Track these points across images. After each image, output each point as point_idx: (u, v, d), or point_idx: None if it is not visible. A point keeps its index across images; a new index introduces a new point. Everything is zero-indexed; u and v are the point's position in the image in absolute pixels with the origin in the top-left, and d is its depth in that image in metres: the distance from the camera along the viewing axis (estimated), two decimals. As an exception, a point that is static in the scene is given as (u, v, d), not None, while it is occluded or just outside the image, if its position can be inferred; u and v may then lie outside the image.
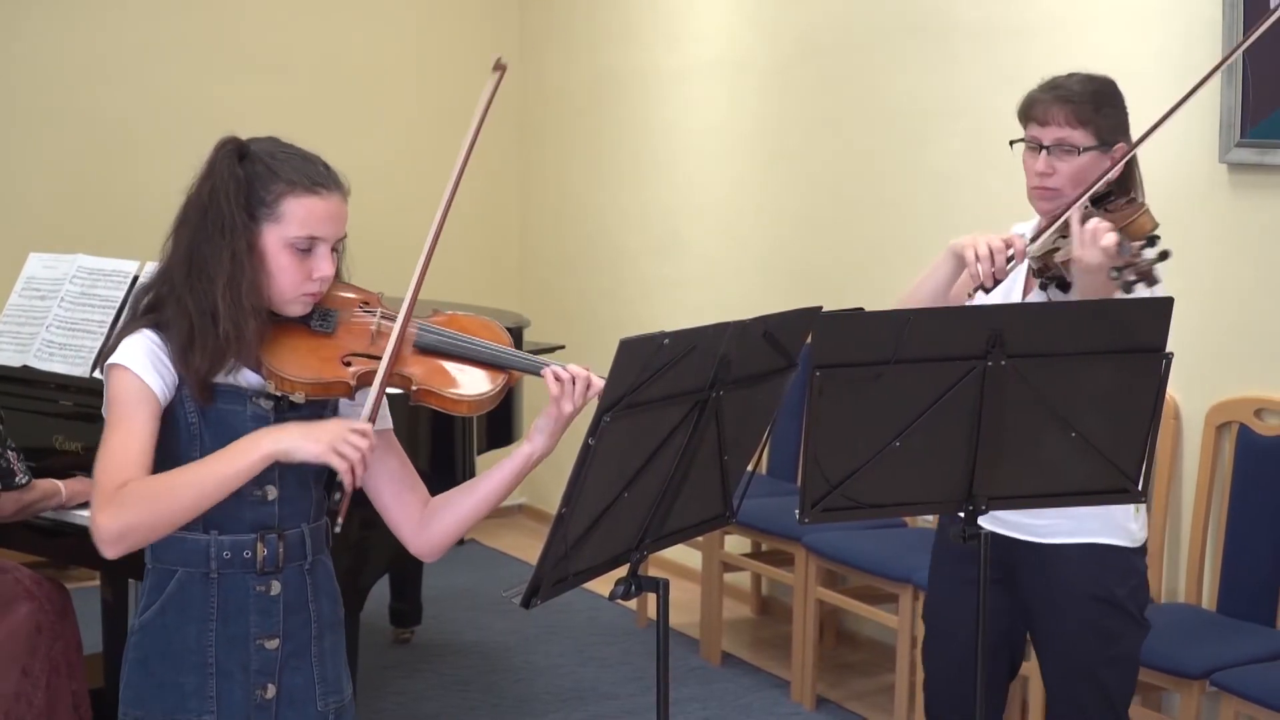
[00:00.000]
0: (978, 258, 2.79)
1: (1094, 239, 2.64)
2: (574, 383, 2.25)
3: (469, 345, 2.35)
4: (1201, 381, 3.93)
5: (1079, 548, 2.89)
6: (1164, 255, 2.60)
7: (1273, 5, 3.69)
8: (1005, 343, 2.38)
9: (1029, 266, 2.92)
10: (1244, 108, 3.76)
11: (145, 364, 2.17)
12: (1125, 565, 2.93)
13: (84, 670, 3.56)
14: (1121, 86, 4.12)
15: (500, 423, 4.41)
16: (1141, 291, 2.60)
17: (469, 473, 3.93)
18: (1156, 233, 2.73)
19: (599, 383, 2.27)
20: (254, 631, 2.27)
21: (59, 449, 3.59)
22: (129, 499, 2.07)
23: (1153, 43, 4.04)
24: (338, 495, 2.17)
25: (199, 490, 2.11)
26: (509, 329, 4.41)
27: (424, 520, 2.36)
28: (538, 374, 2.30)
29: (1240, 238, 3.84)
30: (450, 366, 2.33)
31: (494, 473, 2.34)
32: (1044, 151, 2.88)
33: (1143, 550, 2.97)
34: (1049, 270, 2.85)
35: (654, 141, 6.17)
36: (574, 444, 2.04)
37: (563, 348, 4.67)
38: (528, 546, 6.51)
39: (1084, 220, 2.73)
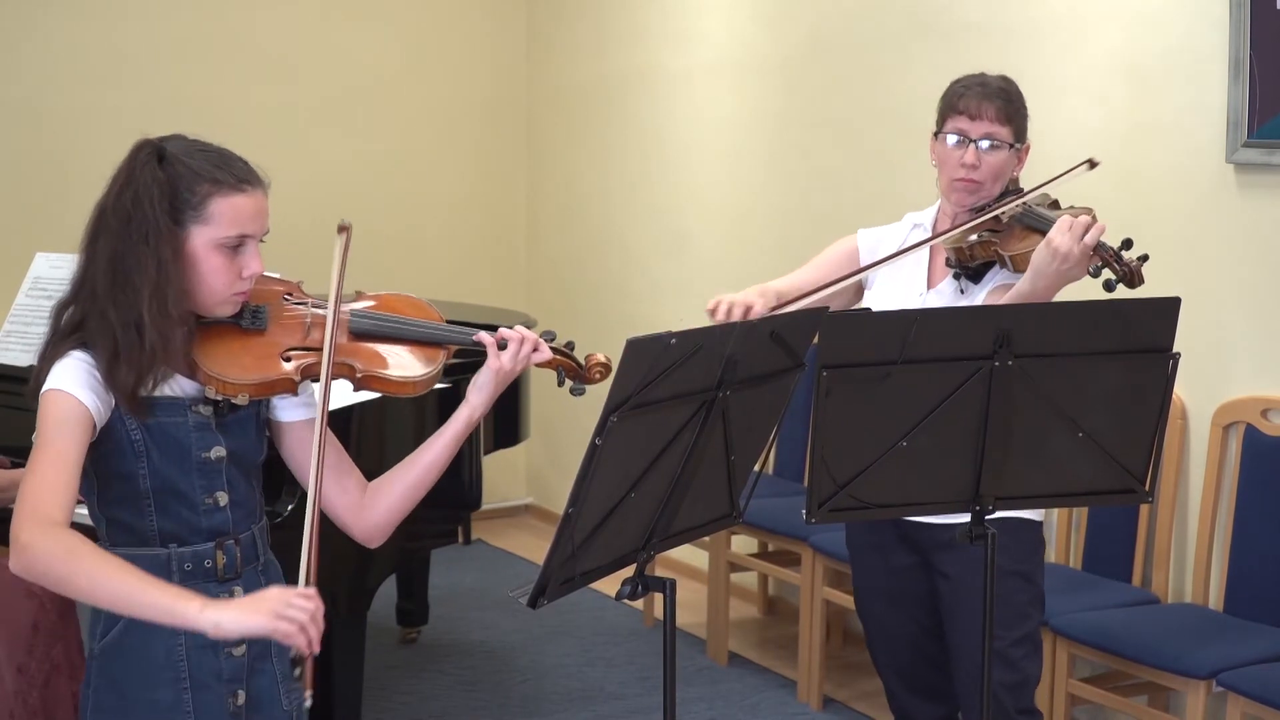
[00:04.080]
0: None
1: (1079, 229, 2.70)
2: (523, 342, 2.31)
3: (404, 326, 2.34)
4: (1208, 382, 3.92)
5: (994, 523, 2.91)
6: (1144, 257, 2.68)
7: (1279, 5, 3.68)
8: (1012, 343, 2.38)
9: (946, 258, 3.00)
10: (1251, 108, 3.75)
11: (80, 385, 2.09)
12: (1034, 538, 3.04)
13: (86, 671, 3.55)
14: (1129, 86, 4.15)
15: (507, 421, 4.41)
16: (1123, 293, 2.64)
17: (476, 473, 3.93)
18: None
19: (545, 348, 2.35)
20: (222, 640, 2.21)
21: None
22: (59, 544, 1.96)
23: (1159, 43, 4.03)
24: (298, 671, 2.07)
25: (117, 598, 1.98)
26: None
27: (365, 503, 2.34)
28: (472, 343, 2.33)
29: (1247, 238, 3.84)
30: (389, 349, 2.32)
31: (434, 441, 2.34)
32: (972, 145, 2.96)
33: (1042, 523, 3.09)
34: (973, 260, 2.95)
35: (660, 141, 6.17)
36: (581, 444, 2.04)
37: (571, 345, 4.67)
38: (534, 546, 6.51)
39: (1023, 216, 2.88)
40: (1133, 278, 2.71)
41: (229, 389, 2.17)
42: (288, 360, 2.22)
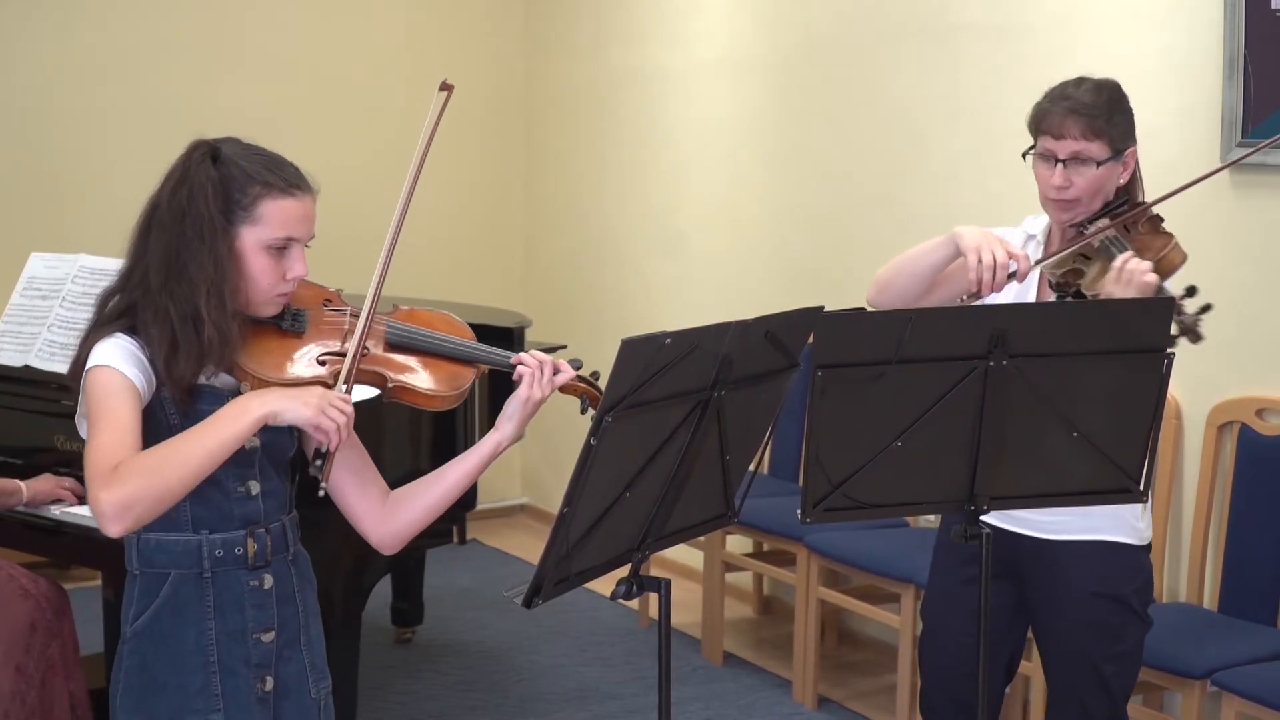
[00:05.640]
0: (981, 262, 2.77)
1: (1131, 280, 2.63)
2: (541, 368, 2.34)
3: (438, 341, 2.38)
4: (1203, 381, 3.92)
5: (1089, 545, 2.89)
6: (1207, 308, 2.57)
7: (1274, 6, 3.69)
8: (1007, 342, 2.38)
9: (1048, 280, 2.88)
10: (1245, 107, 3.76)
11: (126, 362, 2.16)
12: (1133, 563, 2.94)
13: (83, 671, 3.55)
14: (1123, 86, 4.13)
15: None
16: (1184, 348, 2.55)
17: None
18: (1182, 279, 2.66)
19: (567, 369, 2.37)
20: (251, 626, 2.29)
21: (60, 449, 3.59)
22: (128, 473, 2.03)
23: (1154, 43, 4.04)
24: (319, 461, 2.18)
25: (196, 458, 2.08)
26: (511, 329, 4.45)
27: (386, 512, 2.38)
28: (507, 367, 2.36)
29: (1241, 238, 3.84)
30: (421, 363, 2.36)
31: (461, 462, 2.38)
32: (1060, 165, 2.83)
33: (1148, 548, 2.99)
34: (1069, 288, 2.83)
35: (657, 141, 6.17)
36: (576, 444, 2.04)
37: (564, 347, 4.67)
38: (530, 546, 6.51)
39: (1109, 245, 2.75)
40: (1190, 332, 2.57)
41: (263, 387, 2.21)
42: (322, 364, 2.26)
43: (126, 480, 2.03)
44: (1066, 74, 4.34)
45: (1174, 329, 2.58)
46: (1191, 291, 2.60)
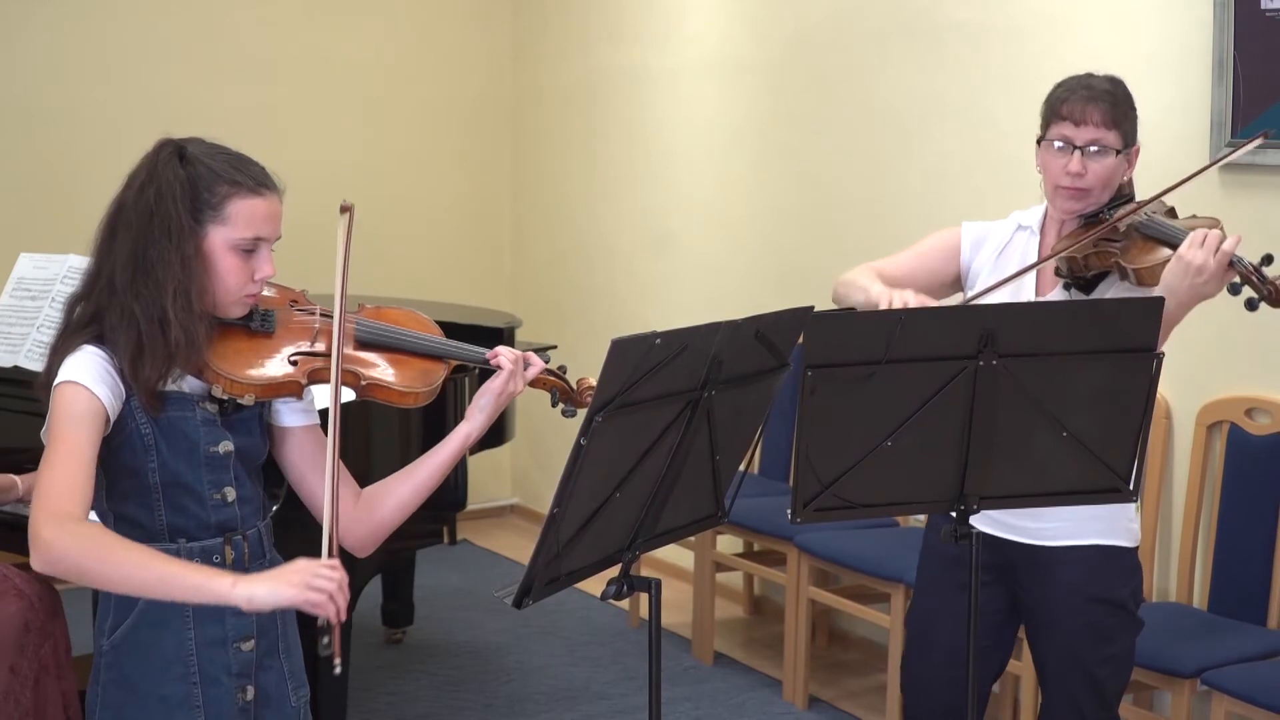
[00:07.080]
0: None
1: (1212, 243, 2.66)
2: (518, 362, 2.35)
3: (408, 338, 2.38)
4: (1192, 381, 3.93)
5: (1084, 549, 2.89)
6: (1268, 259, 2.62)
7: (1264, 6, 3.69)
8: (997, 342, 2.38)
9: (1055, 268, 2.88)
10: (1234, 107, 3.76)
11: (94, 379, 2.12)
12: (1128, 565, 2.95)
13: (74, 671, 3.55)
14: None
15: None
16: (1265, 312, 2.60)
17: (461, 473, 3.92)
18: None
19: (538, 361, 2.39)
20: (231, 634, 2.26)
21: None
22: (80, 538, 1.99)
23: (1144, 43, 4.04)
24: (326, 639, 2.05)
25: (137, 581, 2.00)
26: (500, 329, 4.44)
27: (357, 513, 2.35)
28: (480, 361, 2.36)
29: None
30: (392, 360, 2.36)
31: (431, 456, 2.36)
32: (1077, 152, 2.83)
33: (1138, 549, 2.99)
34: (1087, 270, 2.83)
35: (646, 141, 6.17)
36: (566, 444, 2.04)
37: (554, 347, 4.67)
38: (520, 546, 6.51)
39: (1147, 228, 2.79)
40: (1277, 297, 2.63)
41: (236, 388, 2.20)
42: (294, 364, 2.26)
43: (73, 542, 1.98)
44: (1055, 74, 4.34)
45: (1256, 294, 2.62)
46: (1269, 259, 2.65)
